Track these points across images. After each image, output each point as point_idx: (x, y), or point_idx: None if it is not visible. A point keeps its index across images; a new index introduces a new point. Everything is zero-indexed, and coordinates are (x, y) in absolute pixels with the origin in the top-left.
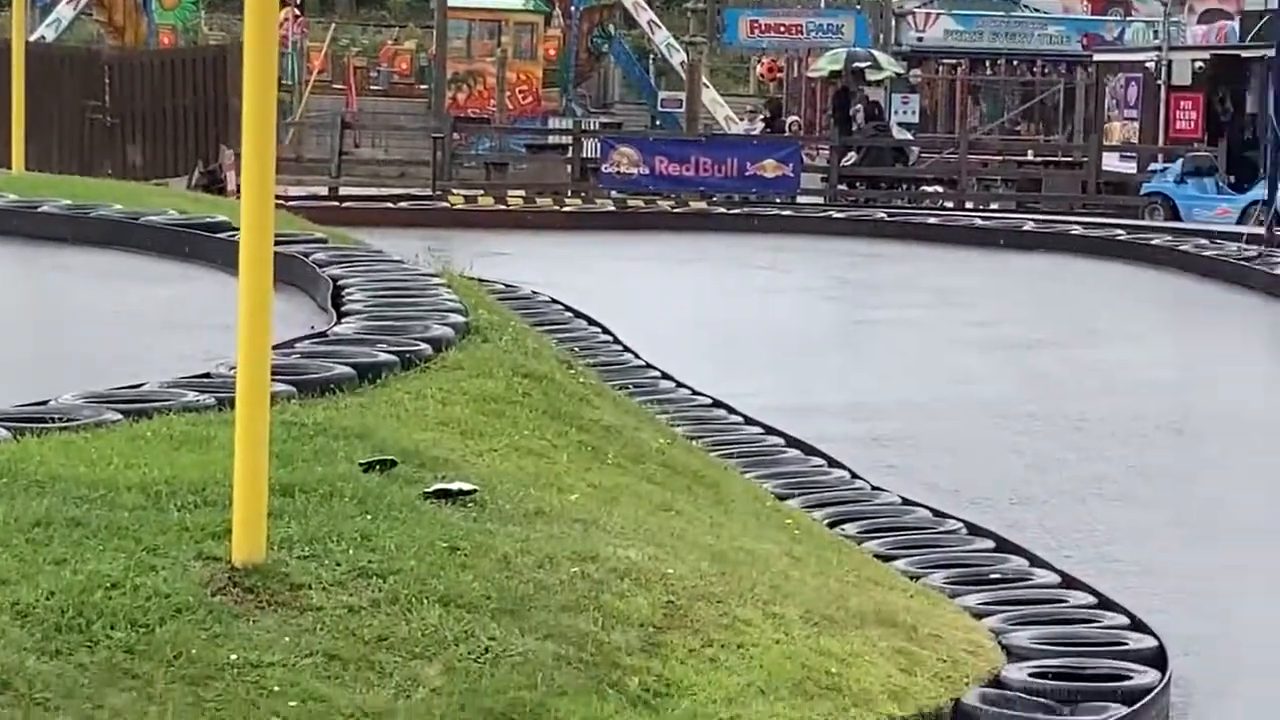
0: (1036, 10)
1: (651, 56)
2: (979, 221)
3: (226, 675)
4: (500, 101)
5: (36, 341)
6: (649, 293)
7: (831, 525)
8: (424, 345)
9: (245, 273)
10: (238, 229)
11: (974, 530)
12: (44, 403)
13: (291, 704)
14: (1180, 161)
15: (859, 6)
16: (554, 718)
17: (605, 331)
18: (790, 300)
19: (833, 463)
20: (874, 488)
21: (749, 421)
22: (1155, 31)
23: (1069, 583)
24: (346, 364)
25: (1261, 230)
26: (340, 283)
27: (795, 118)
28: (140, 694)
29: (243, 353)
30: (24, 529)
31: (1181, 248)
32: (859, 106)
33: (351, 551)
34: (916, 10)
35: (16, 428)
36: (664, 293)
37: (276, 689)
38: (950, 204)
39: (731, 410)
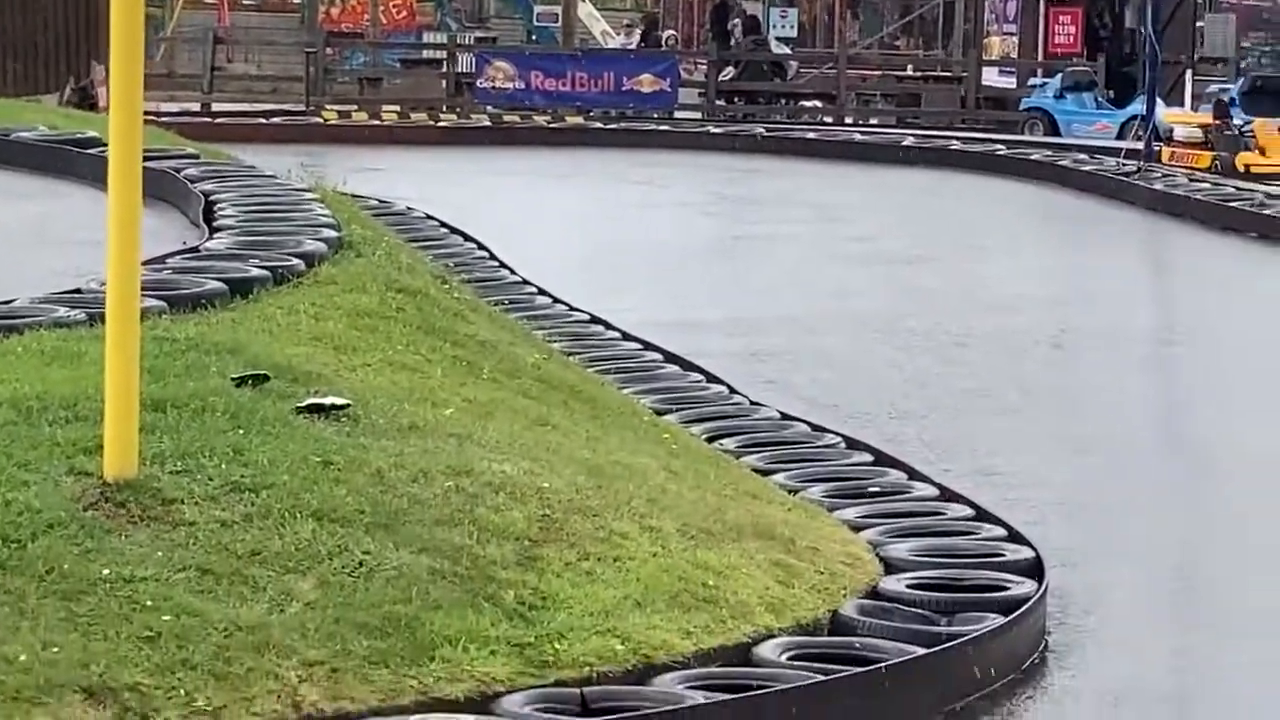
0: None
1: None
2: (858, 136)
3: (99, 590)
4: (374, 16)
5: None
6: (525, 209)
7: (710, 440)
8: (297, 260)
9: (114, 188)
10: (108, 145)
11: (853, 444)
12: None
13: (165, 618)
14: (1059, 76)
15: None
16: (429, 631)
17: (481, 247)
18: (668, 216)
19: (711, 378)
20: (752, 403)
21: (626, 337)
22: None
23: (947, 496)
24: (218, 279)
25: (1140, 145)
26: (212, 198)
27: (672, 32)
28: (12, 609)
29: (112, 268)
30: None
31: (1061, 163)
32: (737, 21)
33: (224, 466)
34: None
35: None
36: (541, 209)
37: (149, 603)
38: (829, 119)
39: (609, 326)
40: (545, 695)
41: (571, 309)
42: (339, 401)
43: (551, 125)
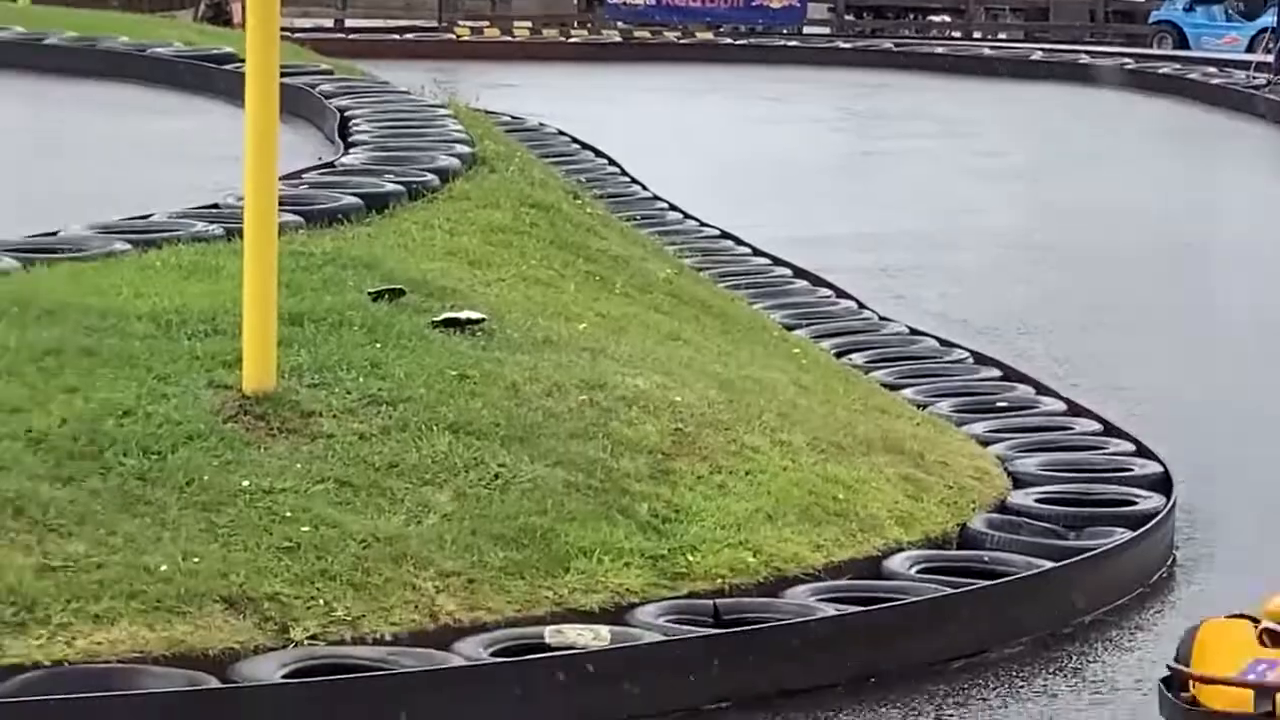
0: None
1: None
2: (986, 51)
3: (239, 501)
4: None
5: (45, 173)
6: (657, 124)
7: (839, 355)
8: (431, 176)
9: (252, 104)
10: (244, 61)
11: (981, 359)
12: (53, 233)
13: (304, 529)
14: None
15: None
16: (564, 543)
17: (612, 163)
18: (797, 131)
19: (840, 293)
20: (881, 318)
21: (757, 253)
22: None
23: (1075, 410)
24: (354, 194)
25: (1270, 58)
26: (347, 114)
27: None
28: (153, 520)
29: (250, 183)
30: (35, 357)
31: (1189, 76)
32: None
33: (361, 379)
34: None
35: (26, 258)
36: (672, 124)
37: (289, 514)
38: (958, 33)
39: (739, 241)
40: (679, 607)
41: (702, 224)
42: (474, 316)
43: (681, 41)
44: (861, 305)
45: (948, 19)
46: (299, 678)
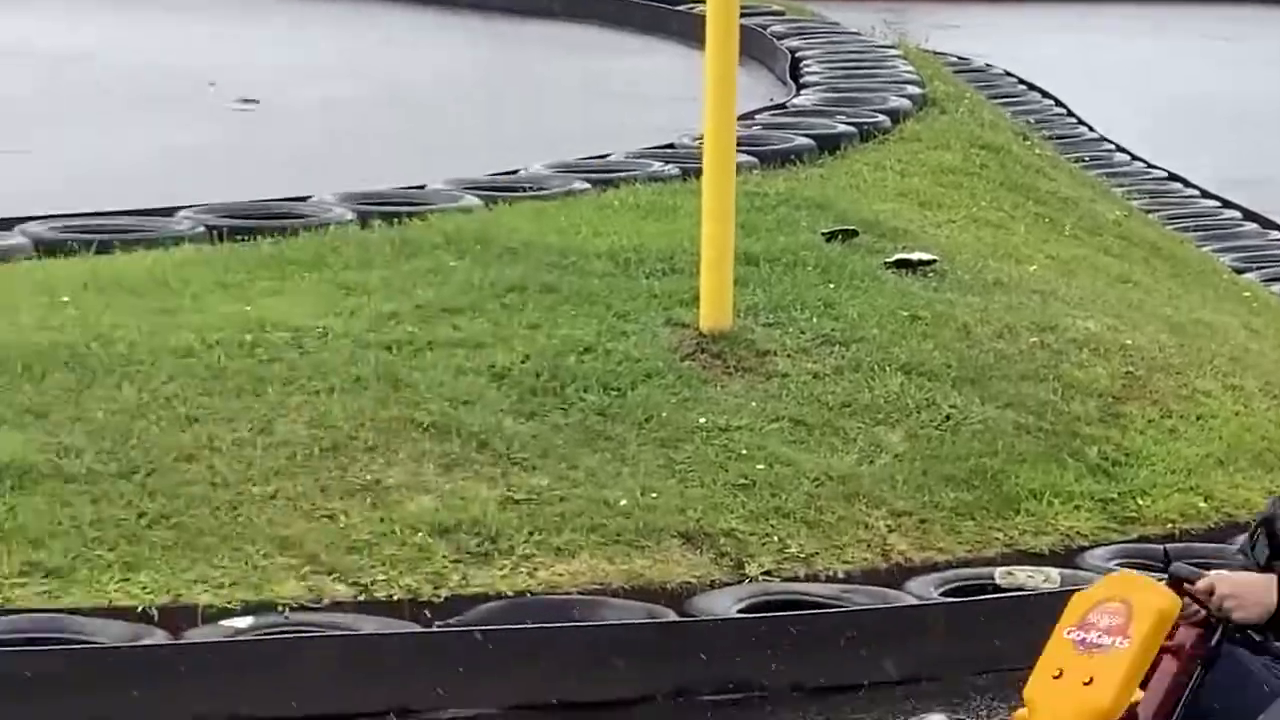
0: None
1: None
2: None
3: (696, 438)
4: None
5: (504, 113)
6: (1103, 64)
7: None
8: (882, 117)
9: (712, 46)
10: (699, 2)
11: None
12: (514, 172)
13: (759, 467)
14: None
15: None
16: (1014, 484)
17: (1058, 104)
18: (1249, 73)
19: None
20: None
21: (1205, 194)
22: None
23: None
24: (807, 135)
25: None
26: (798, 55)
27: None
28: (613, 455)
29: (710, 124)
30: (499, 294)
31: None
32: None
33: (815, 319)
34: None
35: (489, 196)
36: (1118, 64)
37: (744, 452)
38: None
39: (1187, 183)
40: (1129, 551)
41: (1150, 166)
42: (926, 257)
43: None
44: None
45: None
46: (754, 613)
